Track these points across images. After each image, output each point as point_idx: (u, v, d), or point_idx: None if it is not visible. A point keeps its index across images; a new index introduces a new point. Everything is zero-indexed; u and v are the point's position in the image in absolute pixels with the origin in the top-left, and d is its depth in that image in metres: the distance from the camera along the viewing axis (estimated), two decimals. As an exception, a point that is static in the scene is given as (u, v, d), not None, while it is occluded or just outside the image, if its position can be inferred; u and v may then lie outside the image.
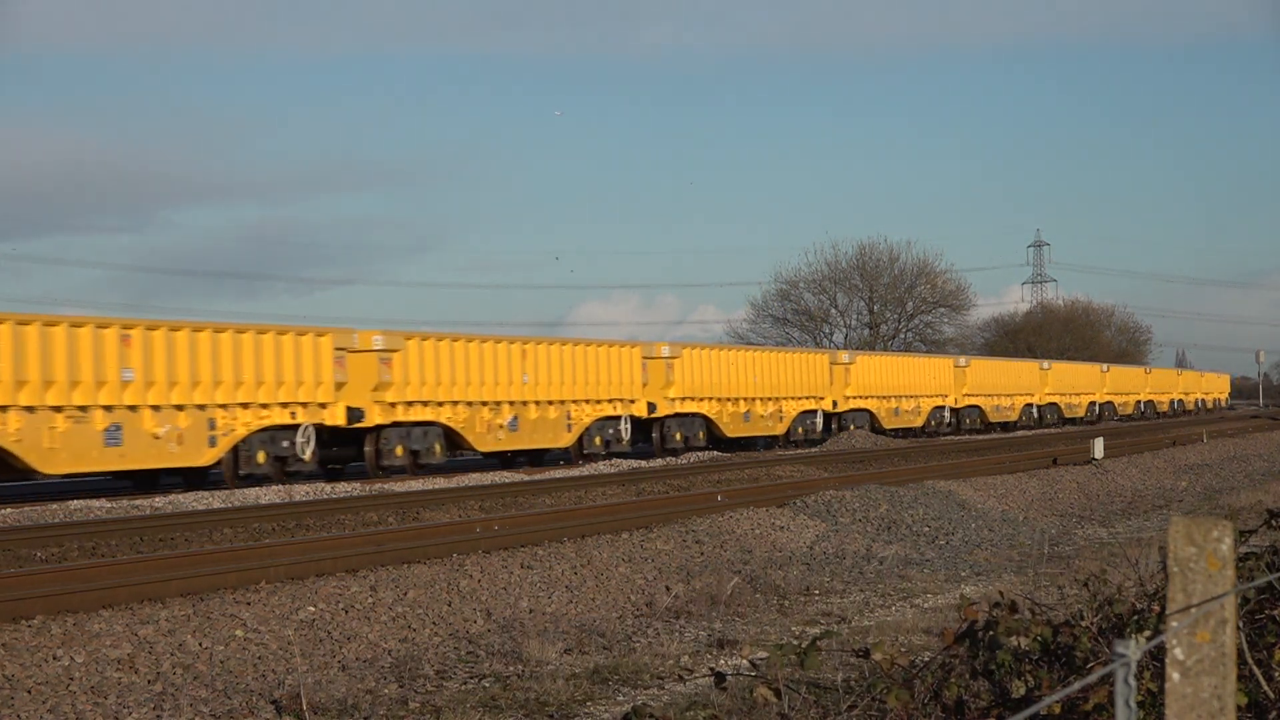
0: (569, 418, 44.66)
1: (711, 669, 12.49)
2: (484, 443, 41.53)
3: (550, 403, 43.71)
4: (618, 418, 46.47)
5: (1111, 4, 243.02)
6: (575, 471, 39.80)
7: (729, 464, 40.10)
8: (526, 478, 36.20)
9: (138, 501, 29.81)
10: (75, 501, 29.64)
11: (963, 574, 18.93)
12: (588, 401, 45.38)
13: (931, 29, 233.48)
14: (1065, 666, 6.60)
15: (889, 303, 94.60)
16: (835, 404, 59.29)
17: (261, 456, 34.49)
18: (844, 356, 61.26)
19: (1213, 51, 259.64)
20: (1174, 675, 4.31)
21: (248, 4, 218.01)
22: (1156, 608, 6.86)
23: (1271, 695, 5.98)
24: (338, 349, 37.00)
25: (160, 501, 29.75)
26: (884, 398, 63.45)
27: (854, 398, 60.73)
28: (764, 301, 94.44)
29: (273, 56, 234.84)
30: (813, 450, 51.92)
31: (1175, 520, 4.39)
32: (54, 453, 29.81)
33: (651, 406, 48.04)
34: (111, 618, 13.24)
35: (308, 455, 35.75)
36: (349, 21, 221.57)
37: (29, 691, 11.29)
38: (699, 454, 48.99)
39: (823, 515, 23.31)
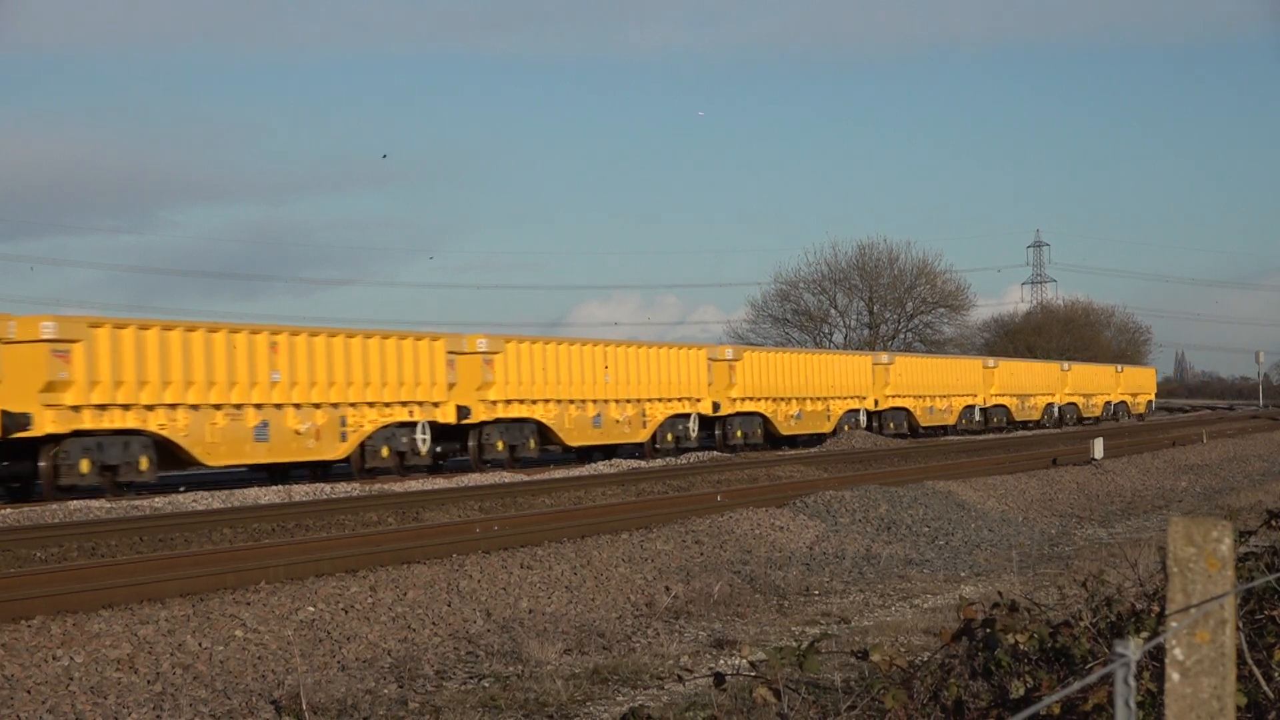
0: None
1: (711, 669, 12.51)
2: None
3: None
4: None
5: (1111, 4, 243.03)
6: (575, 472, 39.83)
7: (729, 464, 40.11)
8: (526, 478, 36.21)
9: (137, 502, 29.83)
10: (75, 502, 29.66)
11: (962, 574, 18.93)
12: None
13: (931, 29, 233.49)
14: (1064, 667, 6.60)
15: (889, 303, 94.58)
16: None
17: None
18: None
19: (1213, 51, 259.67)
20: (1173, 675, 4.31)
21: (248, 4, 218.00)
22: (1156, 608, 6.86)
23: (1271, 695, 5.98)
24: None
25: (160, 502, 29.76)
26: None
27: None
28: (764, 302, 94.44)
29: (273, 56, 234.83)
30: (812, 450, 51.94)
31: (1175, 520, 4.39)
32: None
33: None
34: (111, 618, 13.24)
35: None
36: (349, 21, 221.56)
37: (29, 691, 11.29)
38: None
39: (822, 515, 23.31)
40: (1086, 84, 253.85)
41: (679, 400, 49.64)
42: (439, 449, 40.72)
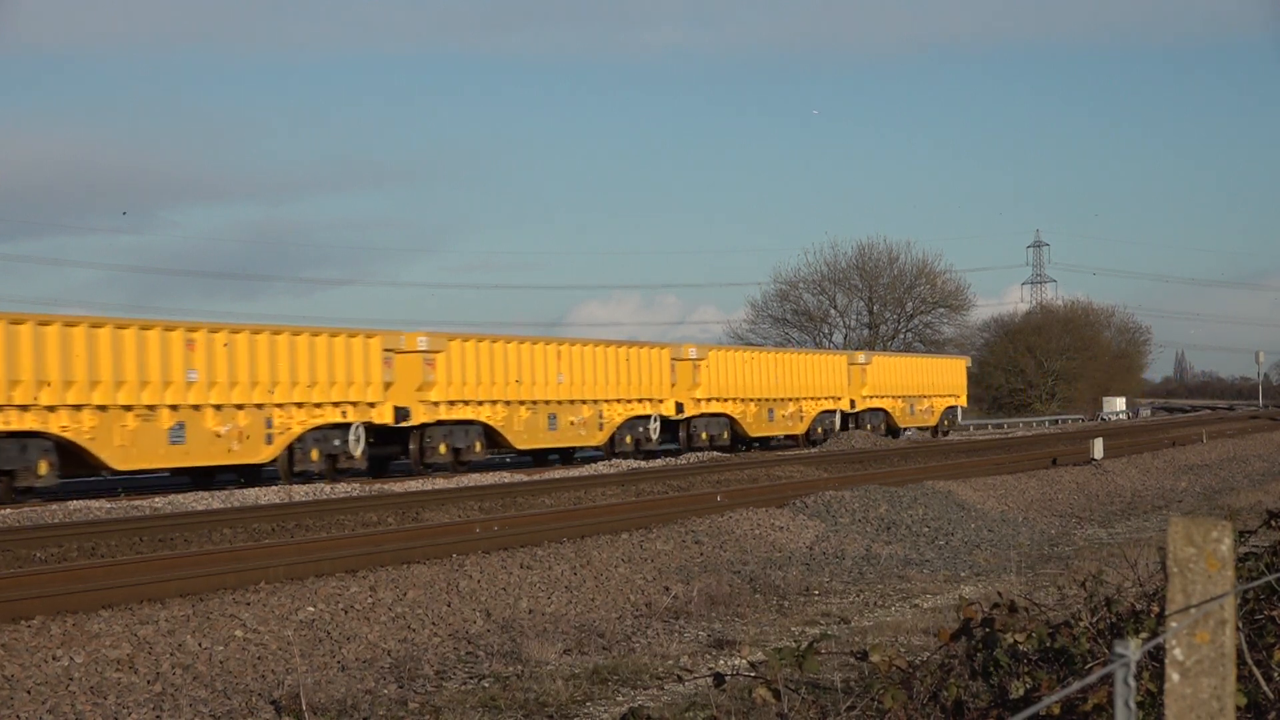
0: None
1: (711, 670, 12.51)
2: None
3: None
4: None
5: (1111, 4, 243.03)
6: (575, 472, 39.81)
7: (728, 464, 40.10)
8: (526, 478, 36.21)
9: (137, 502, 29.82)
10: (75, 502, 29.66)
11: (962, 574, 18.93)
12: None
13: (931, 29, 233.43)
14: (1064, 667, 6.60)
15: (888, 303, 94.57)
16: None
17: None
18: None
19: (1213, 51, 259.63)
20: (1173, 676, 4.31)
21: (248, 4, 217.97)
22: (1156, 608, 6.86)
23: (1271, 696, 5.98)
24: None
25: (160, 502, 29.76)
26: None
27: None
28: (763, 302, 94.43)
29: (273, 56, 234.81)
30: (812, 450, 51.95)
31: (1174, 521, 4.39)
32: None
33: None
34: (111, 618, 13.24)
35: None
36: (349, 21, 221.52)
37: (29, 691, 11.29)
38: (712, 453, 49.88)
39: (822, 515, 23.31)
40: (1086, 84, 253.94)
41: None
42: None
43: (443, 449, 40.17)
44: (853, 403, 60.24)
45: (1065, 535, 24.19)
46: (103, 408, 31.31)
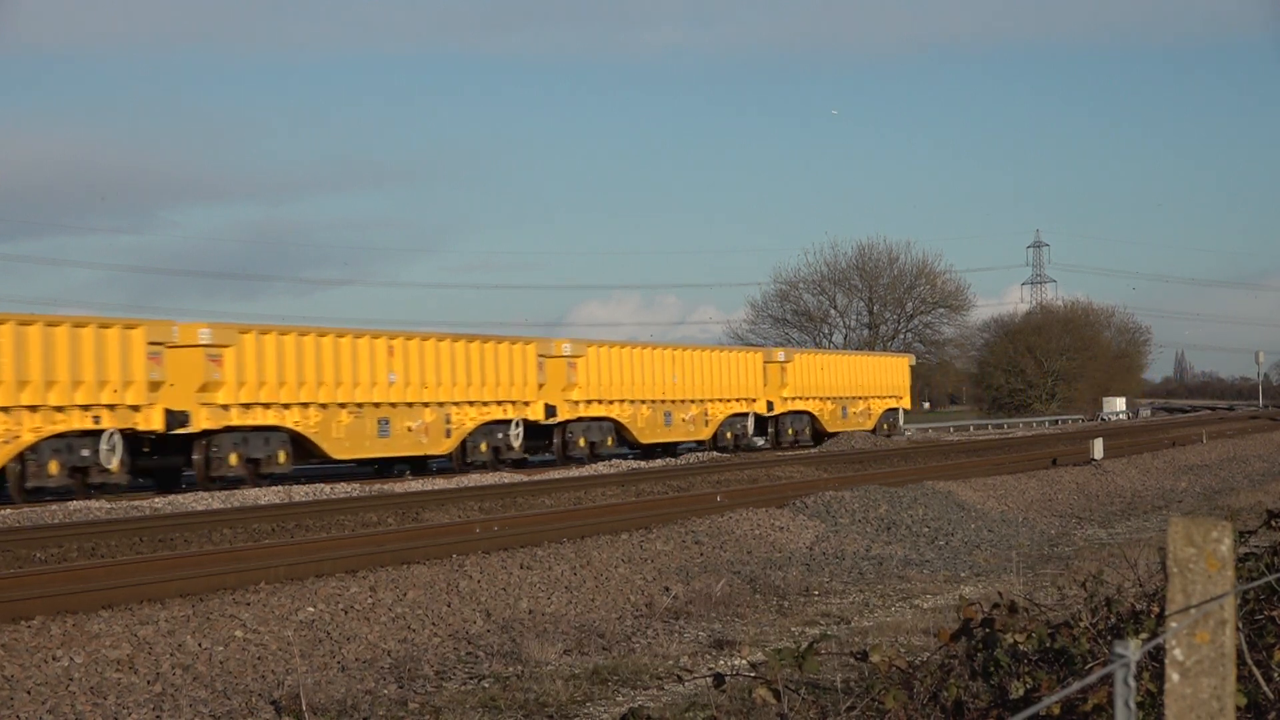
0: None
1: (711, 670, 12.50)
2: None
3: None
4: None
5: (1111, 4, 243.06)
6: (575, 472, 39.79)
7: (728, 464, 40.09)
8: (526, 478, 36.20)
9: (137, 502, 29.81)
10: (75, 502, 29.66)
11: (962, 575, 18.92)
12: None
13: (931, 29, 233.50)
14: (1064, 667, 6.60)
15: (888, 303, 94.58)
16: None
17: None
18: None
19: (1213, 51, 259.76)
20: (1173, 676, 4.31)
21: (248, 4, 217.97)
22: (1156, 608, 6.86)
23: (1271, 696, 5.97)
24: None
25: (160, 502, 29.75)
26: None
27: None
28: (763, 302, 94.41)
29: (273, 56, 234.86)
30: (811, 451, 51.91)
31: (1174, 521, 4.39)
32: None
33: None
34: (111, 618, 13.23)
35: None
36: (349, 21, 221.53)
37: (29, 692, 11.29)
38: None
39: (822, 516, 23.30)
40: (1086, 84, 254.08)
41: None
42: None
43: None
44: (770, 405, 54.47)
45: (1065, 535, 24.19)
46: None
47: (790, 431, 56.22)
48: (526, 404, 43.43)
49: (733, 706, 9.74)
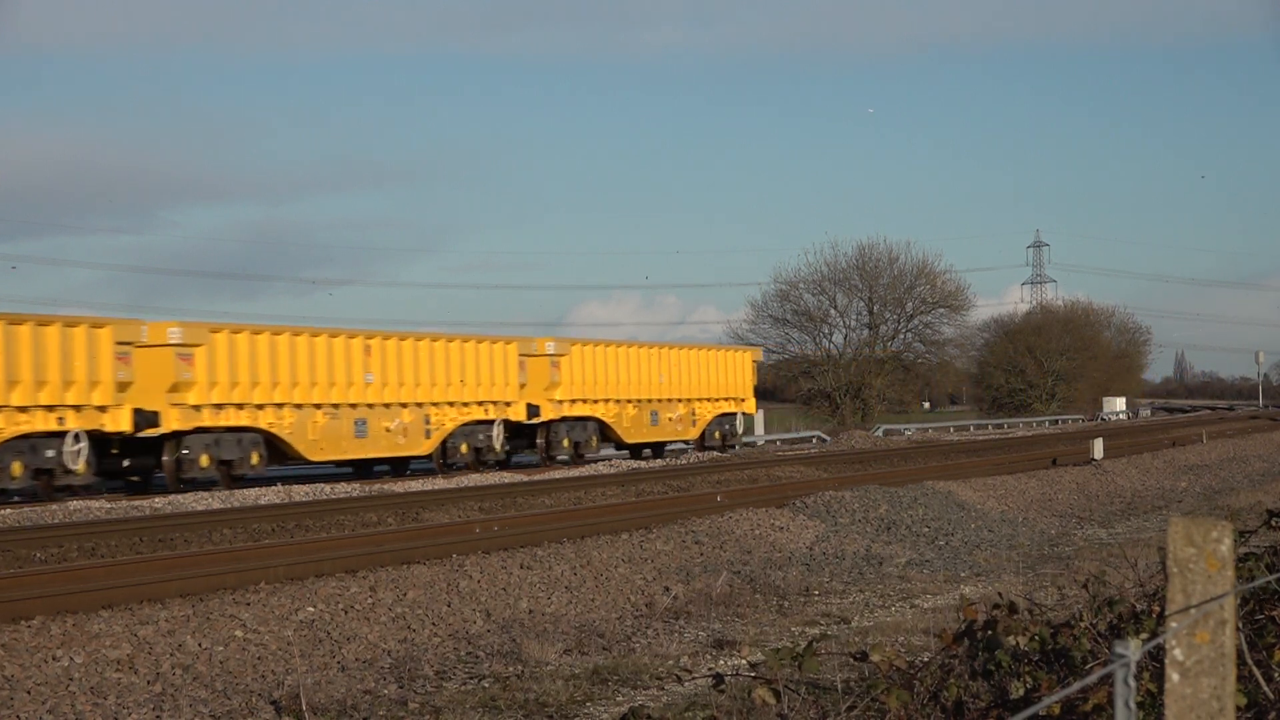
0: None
1: (711, 670, 12.50)
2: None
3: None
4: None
5: (1111, 4, 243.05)
6: (575, 472, 39.78)
7: (729, 464, 40.10)
8: (526, 478, 36.20)
9: (137, 502, 29.80)
10: (75, 502, 29.66)
11: (962, 574, 18.92)
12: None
13: (931, 29, 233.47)
14: (1064, 667, 6.60)
15: (888, 303, 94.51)
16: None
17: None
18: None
19: (1213, 51, 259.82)
20: (1173, 676, 4.31)
21: (248, 4, 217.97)
22: (1156, 608, 6.86)
23: (1271, 696, 5.97)
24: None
25: (160, 502, 29.75)
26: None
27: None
28: (763, 302, 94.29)
29: (274, 56, 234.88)
30: (812, 451, 51.88)
31: (1174, 521, 4.39)
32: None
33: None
34: (111, 618, 13.24)
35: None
36: (349, 21, 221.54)
37: (29, 691, 11.29)
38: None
39: (822, 516, 23.30)
40: (1086, 84, 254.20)
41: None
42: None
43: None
44: (534, 408, 43.23)
45: (1065, 535, 24.18)
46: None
47: (565, 441, 44.50)
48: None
49: (733, 706, 9.74)
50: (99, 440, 31.68)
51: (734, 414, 54.07)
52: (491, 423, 41.75)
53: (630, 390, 47.30)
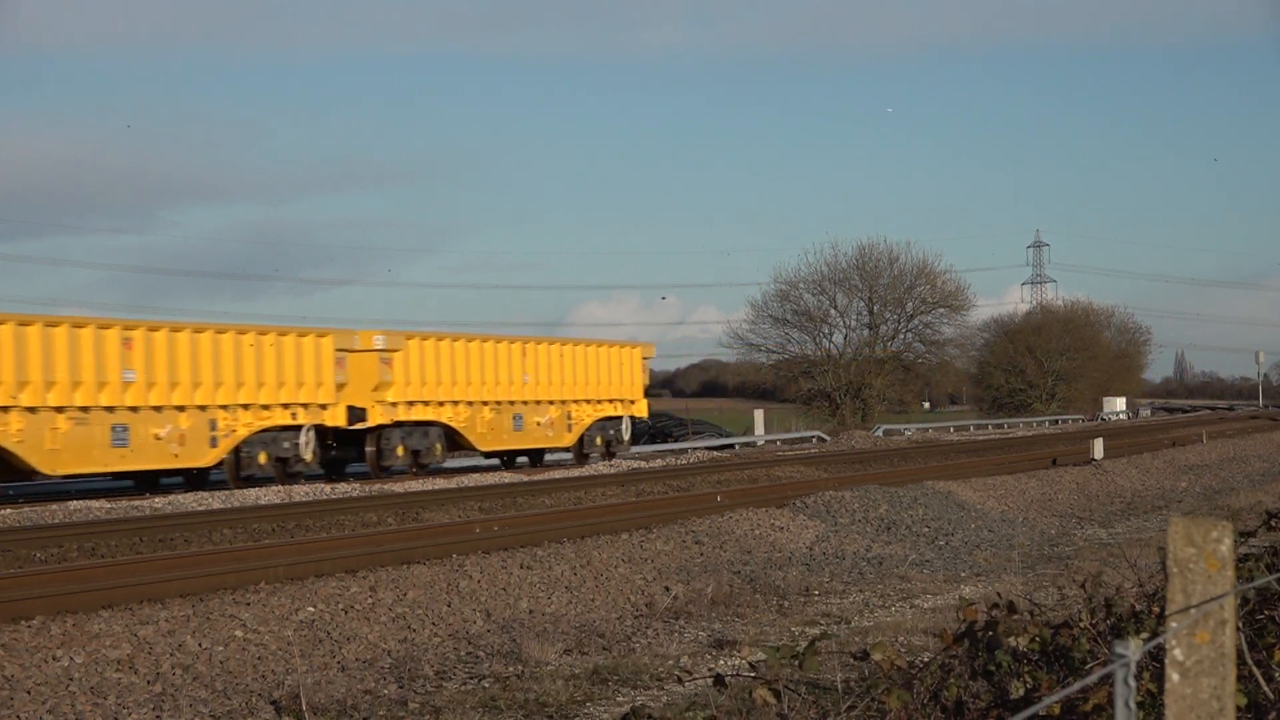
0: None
1: (711, 670, 12.50)
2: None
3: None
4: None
5: (1111, 4, 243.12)
6: (575, 472, 39.78)
7: (729, 464, 40.10)
8: (526, 478, 36.20)
9: (137, 502, 29.81)
10: (75, 502, 29.65)
11: (962, 574, 18.93)
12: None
13: (931, 29, 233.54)
14: (1064, 667, 6.60)
15: (888, 303, 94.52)
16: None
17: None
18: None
19: (1213, 51, 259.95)
20: (1173, 676, 4.31)
21: (248, 4, 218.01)
22: (1156, 608, 6.86)
23: (1271, 696, 5.98)
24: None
25: (160, 502, 29.75)
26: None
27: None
28: (764, 302, 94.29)
29: (273, 56, 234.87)
30: (812, 451, 51.89)
31: (1174, 521, 4.39)
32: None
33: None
34: (111, 618, 13.24)
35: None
36: (349, 21, 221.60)
37: (29, 691, 11.29)
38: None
39: (822, 516, 23.30)
40: (1086, 84, 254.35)
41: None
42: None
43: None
44: (357, 412, 37.39)
45: (1065, 535, 24.19)
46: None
47: (401, 451, 38.73)
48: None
49: (733, 706, 9.75)
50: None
51: (620, 418, 47.16)
52: (299, 428, 35.92)
53: (486, 391, 41.47)
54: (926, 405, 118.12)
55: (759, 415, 66.04)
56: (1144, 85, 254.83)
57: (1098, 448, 37.64)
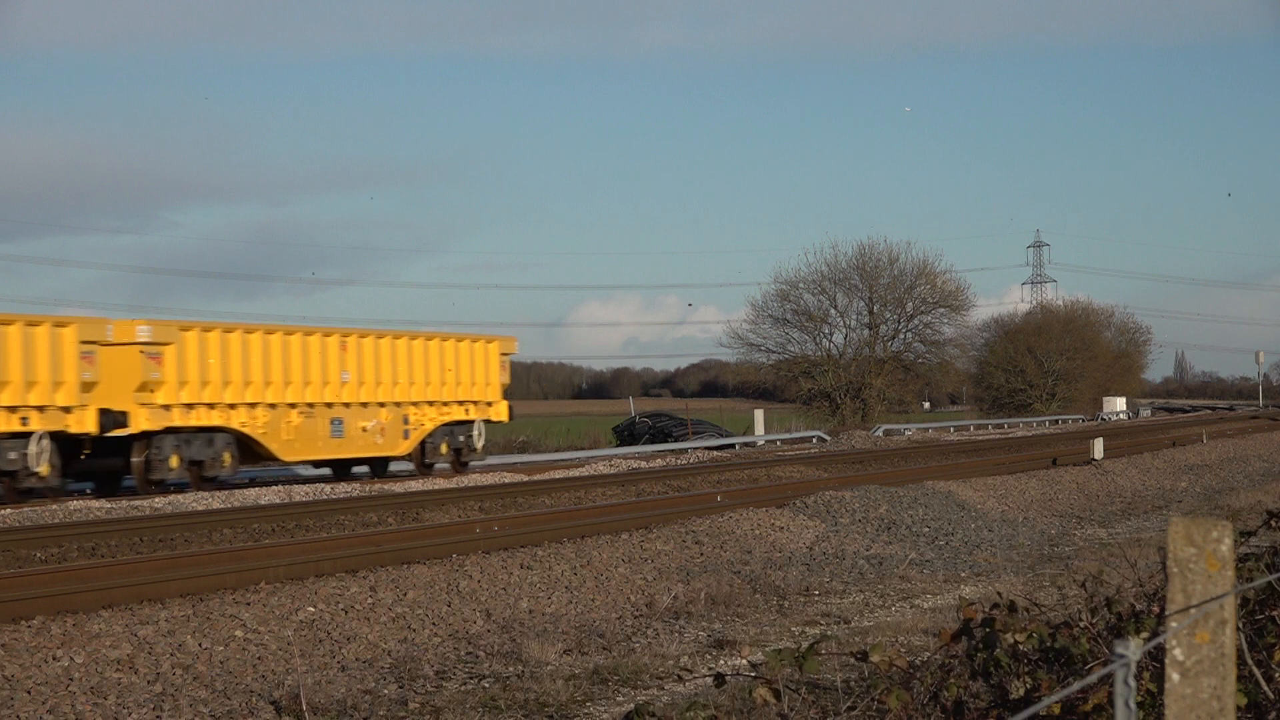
0: None
1: (711, 670, 12.50)
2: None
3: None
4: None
5: (1111, 4, 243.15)
6: (575, 472, 39.76)
7: (729, 464, 40.09)
8: (526, 478, 36.19)
9: (137, 502, 29.79)
10: (75, 502, 29.65)
11: (962, 574, 18.92)
12: None
13: (931, 29, 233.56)
14: (1064, 667, 6.60)
15: (888, 303, 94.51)
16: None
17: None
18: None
19: (1213, 51, 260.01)
20: (1173, 676, 4.31)
21: (249, 4, 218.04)
22: (1156, 608, 6.86)
23: (1271, 696, 5.98)
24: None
25: (160, 502, 29.74)
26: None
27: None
28: (764, 302, 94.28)
29: (274, 56, 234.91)
30: (812, 451, 51.87)
31: (1175, 521, 4.39)
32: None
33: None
34: (111, 618, 13.24)
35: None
36: (349, 21, 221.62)
37: (29, 692, 11.29)
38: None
39: (822, 516, 23.30)
40: (1086, 84, 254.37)
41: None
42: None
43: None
44: (113, 416, 31.43)
45: (1065, 535, 24.18)
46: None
47: (175, 461, 32.80)
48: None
49: (733, 706, 9.75)
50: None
51: (471, 422, 40.99)
52: (27, 436, 29.58)
53: (292, 391, 35.76)
54: (926, 405, 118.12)
55: (759, 415, 66.02)
56: (1144, 85, 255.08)
57: (1098, 448, 37.63)
